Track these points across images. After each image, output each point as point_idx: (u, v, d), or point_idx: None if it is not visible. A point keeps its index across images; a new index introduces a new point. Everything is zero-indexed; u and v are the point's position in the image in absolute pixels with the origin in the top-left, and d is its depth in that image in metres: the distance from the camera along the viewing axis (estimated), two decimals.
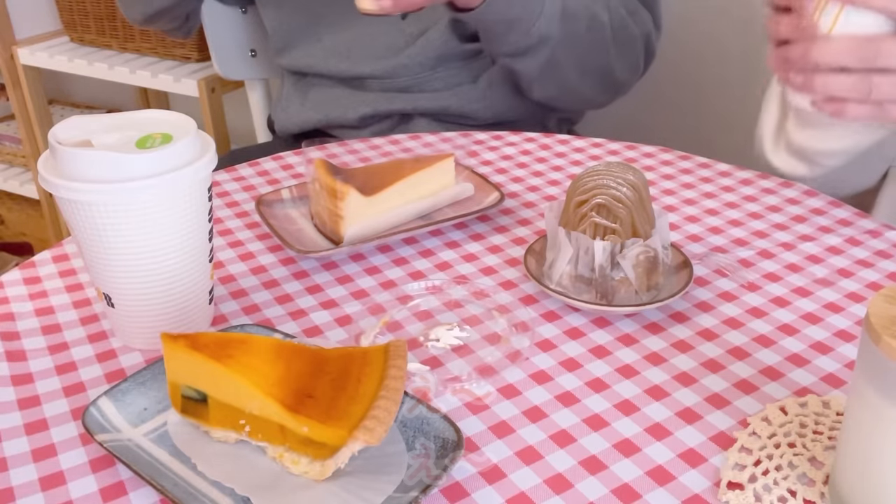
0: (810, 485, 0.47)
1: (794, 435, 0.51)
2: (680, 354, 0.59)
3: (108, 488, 0.48)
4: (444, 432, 0.48)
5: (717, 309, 0.64)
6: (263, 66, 1.39)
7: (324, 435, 0.45)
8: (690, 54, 1.47)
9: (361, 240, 0.71)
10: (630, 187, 0.62)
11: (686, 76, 1.51)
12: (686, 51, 1.45)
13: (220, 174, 0.87)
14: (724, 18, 1.43)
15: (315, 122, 1.13)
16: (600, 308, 0.62)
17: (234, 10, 1.33)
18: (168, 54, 1.75)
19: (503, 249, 0.73)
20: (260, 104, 1.45)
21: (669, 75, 1.50)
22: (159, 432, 0.51)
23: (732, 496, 0.46)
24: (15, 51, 1.87)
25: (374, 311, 0.64)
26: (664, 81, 1.52)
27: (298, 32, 1.13)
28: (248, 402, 0.48)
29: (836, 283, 0.67)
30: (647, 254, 0.62)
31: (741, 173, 0.86)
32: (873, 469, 0.42)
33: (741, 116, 1.53)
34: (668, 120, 1.59)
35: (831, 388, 0.56)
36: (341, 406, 0.46)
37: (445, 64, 1.08)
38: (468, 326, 0.62)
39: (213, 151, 0.56)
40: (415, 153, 0.93)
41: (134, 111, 0.58)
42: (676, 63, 1.46)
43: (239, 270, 0.70)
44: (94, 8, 1.78)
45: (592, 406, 0.54)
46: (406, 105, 1.08)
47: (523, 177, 0.87)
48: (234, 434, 0.49)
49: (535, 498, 0.47)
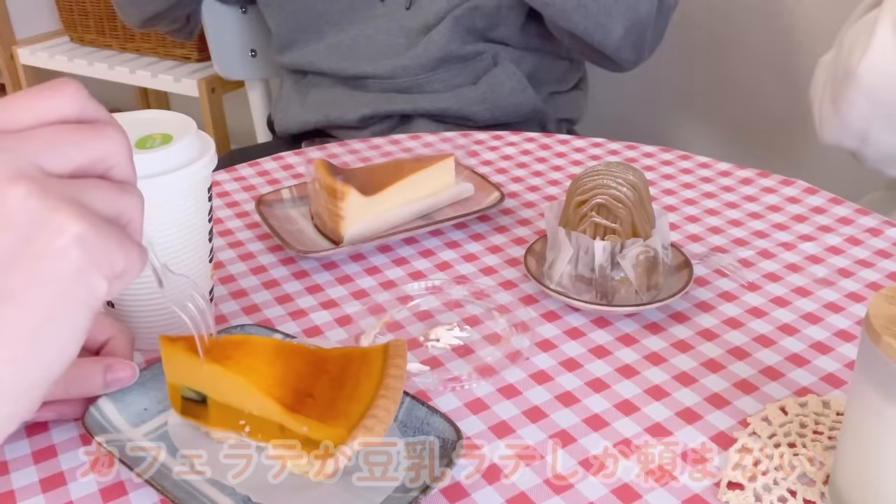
0: (810, 485, 0.47)
1: (794, 435, 0.51)
2: (680, 354, 0.59)
3: (108, 488, 0.48)
4: (444, 432, 0.48)
5: (717, 309, 0.64)
6: (263, 66, 1.39)
7: (323, 434, 0.45)
8: (690, 54, 1.47)
9: (361, 240, 0.71)
10: (630, 187, 0.62)
11: (686, 76, 1.51)
12: (686, 51, 1.45)
13: (220, 174, 0.87)
14: (724, 19, 1.43)
15: (315, 123, 1.13)
16: (600, 308, 0.62)
17: (234, 9, 1.33)
18: (168, 54, 1.75)
19: (503, 249, 0.73)
20: (260, 104, 1.45)
21: (669, 75, 1.50)
22: (159, 432, 0.51)
23: (732, 496, 0.46)
24: (15, 51, 1.87)
25: (375, 311, 0.64)
26: (664, 81, 1.52)
27: (301, 31, 1.13)
28: (248, 403, 0.48)
29: (836, 283, 0.67)
30: (647, 254, 0.62)
31: (741, 173, 0.86)
32: (873, 469, 0.42)
33: (741, 116, 1.54)
34: (669, 120, 1.59)
35: (831, 388, 0.56)
36: (341, 405, 0.46)
37: (446, 65, 1.08)
38: (468, 326, 0.62)
39: (213, 151, 0.56)
40: (415, 153, 0.93)
41: (134, 111, 0.58)
42: (677, 63, 1.46)
43: (239, 270, 0.70)
44: (94, 8, 1.78)
45: (592, 406, 0.54)
46: (406, 106, 1.08)
47: (523, 177, 0.87)
48: (235, 434, 0.49)
49: (535, 498, 0.47)
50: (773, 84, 1.43)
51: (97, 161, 0.33)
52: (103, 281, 0.31)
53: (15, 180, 0.29)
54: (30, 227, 0.30)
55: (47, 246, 0.30)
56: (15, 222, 0.29)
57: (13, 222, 0.29)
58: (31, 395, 0.32)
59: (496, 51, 1.09)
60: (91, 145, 0.33)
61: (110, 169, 0.33)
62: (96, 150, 0.33)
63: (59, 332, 0.31)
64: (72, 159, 0.32)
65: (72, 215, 0.30)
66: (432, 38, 1.06)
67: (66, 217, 0.30)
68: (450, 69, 1.08)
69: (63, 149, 0.31)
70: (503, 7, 1.05)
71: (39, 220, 0.30)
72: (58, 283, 0.30)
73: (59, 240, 0.30)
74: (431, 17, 1.06)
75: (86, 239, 0.30)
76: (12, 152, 0.30)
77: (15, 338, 0.30)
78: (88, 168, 0.32)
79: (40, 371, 0.31)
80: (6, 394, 0.30)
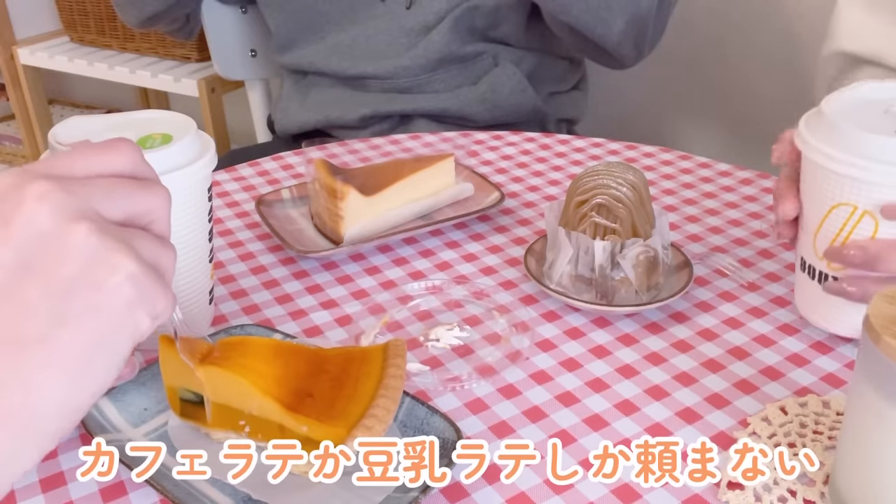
0: (810, 485, 0.47)
1: (794, 435, 0.51)
2: (680, 354, 0.59)
3: (108, 488, 0.48)
4: (445, 432, 0.48)
5: (717, 309, 0.64)
6: (263, 66, 1.39)
7: (323, 434, 0.45)
8: (690, 54, 1.47)
9: (361, 240, 0.71)
10: (630, 187, 0.62)
11: (686, 77, 1.51)
12: (686, 51, 1.45)
13: (220, 174, 0.87)
14: (723, 20, 1.43)
15: (315, 123, 1.13)
16: (600, 308, 0.62)
17: (234, 9, 1.33)
18: (168, 54, 1.75)
19: (503, 249, 0.73)
20: (260, 104, 1.45)
21: (669, 75, 1.50)
22: (159, 432, 0.51)
23: (732, 496, 0.46)
24: (15, 51, 1.87)
25: (374, 311, 0.64)
26: (664, 81, 1.52)
27: (301, 31, 1.13)
28: (248, 403, 0.48)
29: None
30: (647, 254, 0.62)
31: (741, 173, 0.86)
32: (873, 469, 0.42)
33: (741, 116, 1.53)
34: (669, 120, 1.59)
35: (831, 388, 0.56)
36: (340, 405, 0.46)
37: (446, 66, 1.08)
38: (468, 326, 0.62)
39: (213, 151, 0.56)
40: (415, 153, 0.93)
41: (134, 111, 0.58)
42: (677, 63, 1.46)
43: (239, 270, 0.70)
44: (94, 8, 1.78)
45: (592, 406, 0.54)
46: (406, 106, 1.08)
47: (523, 177, 0.87)
48: (235, 435, 0.49)
49: (535, 498, 0.47)
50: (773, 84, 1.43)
51: (143, 213, 0.37)
52: (147, 318, 0.35)
53: (78, 220, 0.33)
54: (89, 261, 0.33)
55: (104, 280, 0.34)
56: (76, 256, 0.33)
57: (75, 255, 0.33)
58: (76, 415, 0.35)
59: (496, 51, 1.09)
60: (140, 199, 0.37)
61: (152, 222, 0.37)
62: (144, 203, 0.37)
63: (107, 357, 0.34)
64: (123, 209, 0.36)
65: (127, 256, 0.34)
66: (432, 39, 1.06)
67: (122, 257, 0.34)
68: (450, 69, 1.08)
69: (117, 199, 0.36)
70: (503, 6, 1.05)
71: (98, 257, 0.33)
72: (110, 314, 0.34)
73: (114, 276, 0.34)
74: (431, 16, 1.06)
75: (137, 278, 0.34)
76: (76, 195, 0.34)
77: (68, 360, 0.33)
78: (135, 219, 0.37)
79: (88, 392, 0.34)
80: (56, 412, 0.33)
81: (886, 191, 0.51)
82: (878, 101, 0.55)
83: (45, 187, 0.33)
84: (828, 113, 0.53)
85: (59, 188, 0.33)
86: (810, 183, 0.55)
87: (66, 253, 0.33)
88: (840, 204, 0.53)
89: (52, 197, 0.33)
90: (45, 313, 0.33)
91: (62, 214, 0.33)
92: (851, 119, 0.52)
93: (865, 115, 0.53)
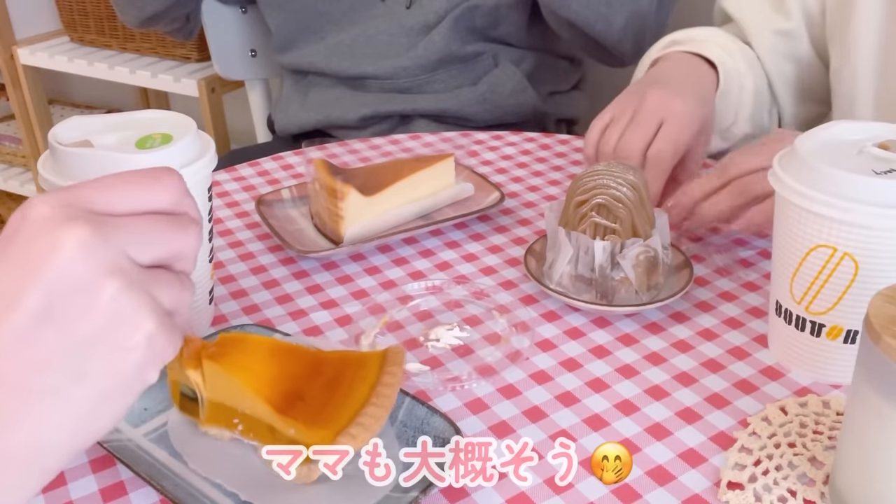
0: (810, 485, 0.47)
1: (794, 435, 0.51)
2: (680, 354, 0.59)
3: (108, 488, 0.48)
4: (444, 432, 0.48)
5: (717, 309, 0.64)
6: (263, 66, 1.39)
7: (309, 438, 0.45)
8: None
9: (361, 240, 0.71)
10: (630, 187, 0.62)
11: None
12: None
13: (220, 174, 0.87)
14: None
15: (315, 123, 1.13)
16: (600, 308, 0.62)
17: (234, 9, 1.33)
18: (168, 54, 1.75)
19: (503, 249, 0.73)
20: (260, 104, 1.45)
21: None
22: (159, 432, 0.51)
23: (732, 496, 0.46)
24: (15, 51, 1.86)
25: (374, 311, 0.64)
26: None
27: (301, 31, 1.13)
28: (240, 402, 0.48)
29: None
30: (647, 254, 0.62)
31: None
32: (873, 469, 0.42)
33: None
34: None
35: (831, 388, 0.56)
36: (330, 409, 0.46)
37: (446, 66, 1.08)
38: (468, 326, 0.62)
39: (213, 151, 0.56)
40: (415, 153, 0.93)
41: (134, 111, 0.58)
42: None
43: (239, 270, 0.70)
44: (94, 8, 1.77)
45: (592, 406, 0.54)
46: (406, 106, 1.08)
47: (523, 177, 0.87)
48: (228, 432, 0.49)
49: (535, 498, 0.47)
50: None
51: (172, 257, 0.37)
52: (156, 372, 0.36)
53: (112, 274, 0.33)
54: (114, 318, 0.33)
55: (125, 340, 0.34)
56: (101, 312, 0.33)
57: (99, 311, 0.33)
58: (78, 453, 0.36)
59: (496, 50, 1.09)
60: (173, 245, 0.37)
61: (179, 262, 0.37)
62: (176, 248, 0.37)
63: (114, 410, 0.35)
64: (153, 254, 0.36)
65: (147, 314, 0.34)
66: (433, 39, 1.06)
67: (143, 316, 0.34)
68: (450, 69, 1.08)
69: (149, 245, 0.36)
70: (503, 5, 1.05)
71: (123, 315, 0.34)
72: (124, 376, 0.34)
73: (134, 336, 0.34)
74: (431, 16, 1.06)
75: (154, 338, 0.34)
76: (111, 243, 0.34)
77: (78, 415, 0.34)
78: (164, 261, 0.37)
79: (90, 440, 0.35)
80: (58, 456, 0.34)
81: (867, 232, 0.49)
82: (851, 143, 0.53)
83: (85, 235, 0.33)
84: (803, 153, 0.52)
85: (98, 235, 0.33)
86: (787, 224, 0.53)
87: (91, 307, 0.33)
88: (819, 245, 0.51)
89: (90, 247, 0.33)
90: (62, 368, 0.33)
91: (97, 267, 0.33)
92: (826, 159, 0.51)
93: (840, 156, 0.52)
